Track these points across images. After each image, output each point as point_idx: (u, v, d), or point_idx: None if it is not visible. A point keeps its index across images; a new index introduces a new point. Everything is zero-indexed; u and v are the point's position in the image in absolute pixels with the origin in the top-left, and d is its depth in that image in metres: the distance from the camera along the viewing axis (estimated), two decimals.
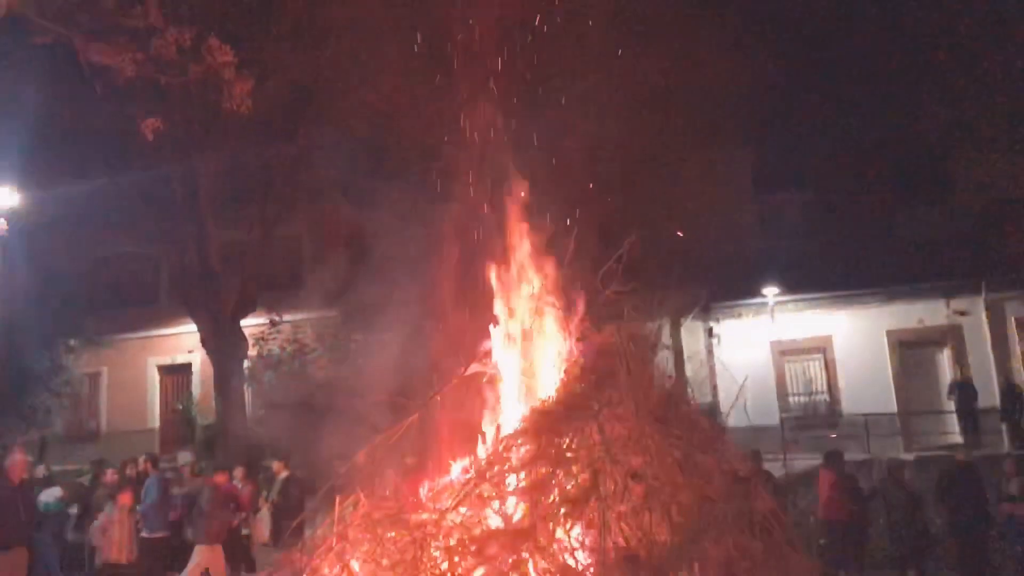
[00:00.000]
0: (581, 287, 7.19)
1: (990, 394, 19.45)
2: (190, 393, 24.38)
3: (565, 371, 6.90)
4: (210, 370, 18.94)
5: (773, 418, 19.16)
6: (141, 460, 12.63)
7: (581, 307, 7.18)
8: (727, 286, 21.45)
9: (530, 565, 5.40)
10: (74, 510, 11.65)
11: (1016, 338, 20.36)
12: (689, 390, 7.41)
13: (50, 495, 11.82)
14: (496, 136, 8.16)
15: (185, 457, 16.63)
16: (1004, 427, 18.76)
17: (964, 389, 18.97)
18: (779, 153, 23.07)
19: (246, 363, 18.47)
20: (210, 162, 16.27)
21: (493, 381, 7.46)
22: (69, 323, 20.88)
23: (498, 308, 7.46)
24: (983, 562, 11.44)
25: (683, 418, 6.68)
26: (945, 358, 20.95)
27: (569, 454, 6.08)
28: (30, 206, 14.68)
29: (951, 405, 19.52)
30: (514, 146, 8.09)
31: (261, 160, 16.68)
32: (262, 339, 19.16)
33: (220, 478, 12.11)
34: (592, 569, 5.28)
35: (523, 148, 8.28)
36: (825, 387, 21.74)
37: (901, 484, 12.25)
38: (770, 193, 23.65)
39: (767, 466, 11.58)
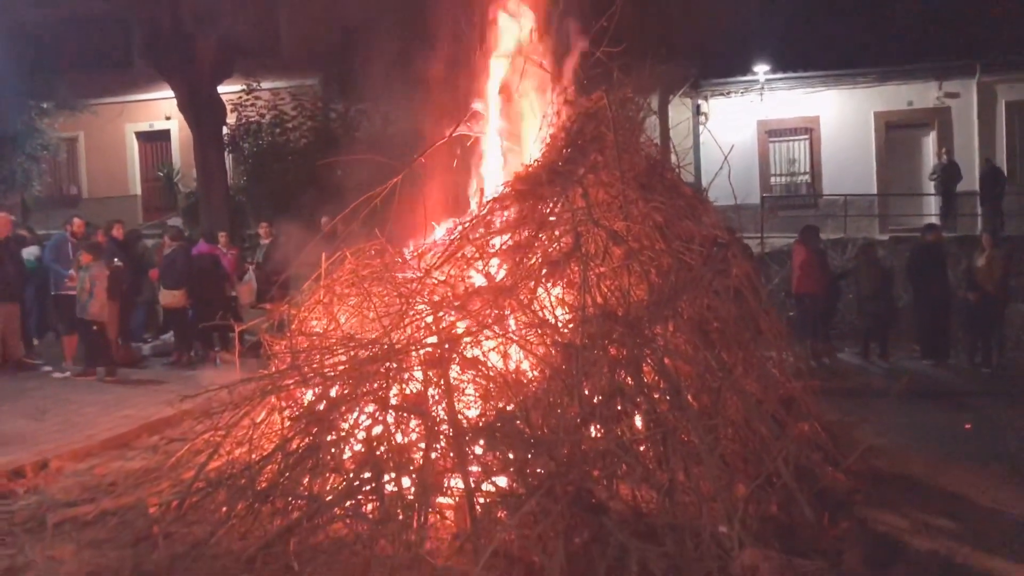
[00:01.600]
0: (569, 48, 6.98)
1: (970, 178, 19.64)
2: (170, 160, 24.17)
3: (550, 135, 6.83)
4: (189, 137, 18.67)
5: (754, 198, 19.34)
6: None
7: (569, 69, 7.00)
8: (717, 63, 20.99)
9: (511, 320, 5.59)
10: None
11: (1004, 122, 20.28)
12: (674, 158, 7.38)
13: (30, 253, 11.95)
14: None
15: (176, 222, 16.70)
16: (980, 210, 19.09)
17: (947, 170, 19.10)
18: None
19: (225, 130, 18.17)
20: None
21: (478, 144, 7.41)
22: (41, 86, 20.23)
23: (484, 70, 7.27)
24: (941, 337, 12.01)
25: (667, 185, 6.71)
26: (931, 141, 20.96)
27: (552, 217, 6.13)
28: None
29: (931, 188, 19.75)
30: None
31: None
32: (240, 106, 18.71)
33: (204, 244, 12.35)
34: (571, 325, 5.46)
35: None
36: (808, 168, 21.85)
37: (872, 261, 12.62)
38: None
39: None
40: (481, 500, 4.77)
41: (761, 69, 21.01)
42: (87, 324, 10.47)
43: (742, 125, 21.11)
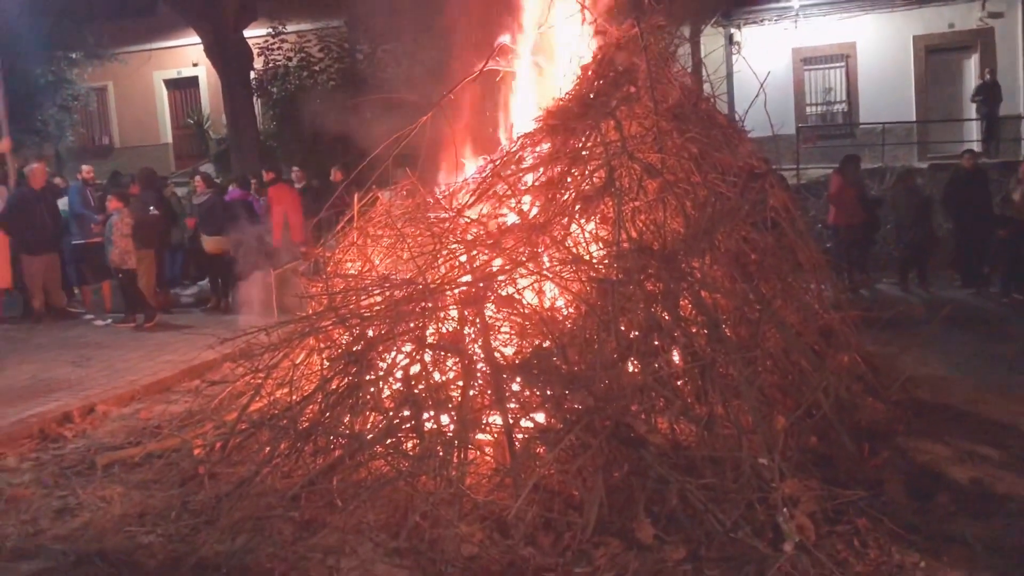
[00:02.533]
0: None
1: (1014, 102, 19.05)
2: (199, 107, 24.18)
3: (582, 67, 6.69)
4: (217, 84, 18.64)
5: (789, 128, 18.93)
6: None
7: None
8: None
9: (545, 257, 5.56)
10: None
11: None
12: (707, 88, 7.21)
13: (64, 204, 12.10)
14: None
15: (208, 169, 16.77)
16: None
17: (990, 91, 18.50)
18: None
19: (252, 75, 18.09)
20: None
21: (508, 79, 7.28)
22: (68, 35, 20.23)
23: (513, 2, 7.11)
24: (980, 264, 11.79)
25: (701, 116, 6.56)
26: (972, 64, 20.29)
27: (585, 152, 6.04)
28: None
29: (972, 113, 19.19)
30: None
31: None
32: (267, 50, 18.60)
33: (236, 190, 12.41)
34: (605, 260, 5.42)
35: None
36: (845, 96, 21.32)
37: (911, 189, 12.35)
38: None
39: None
40: (520, 436, 4.80)
41: None
42: (116, 272, 10.62)
43: (776, 54, 20.56)
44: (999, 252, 11.42)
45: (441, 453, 4.68)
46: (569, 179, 5.95)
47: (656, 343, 5.06)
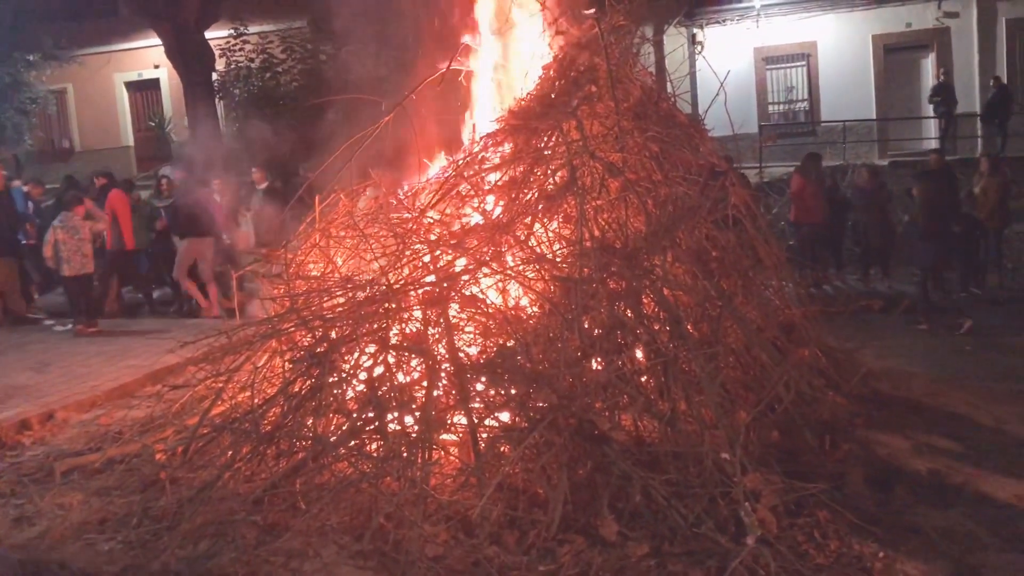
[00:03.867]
0: None
1: (970, 100, 19.40)
2: (161, 109, 23.91)
3: (543, 67, 6.71)
4: (179, 85, 18.44)
5: (752, 127, 19.12)
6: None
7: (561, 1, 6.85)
8: None
9: (508, 256, 5.56)
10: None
11: (1004, 40, 19.93)
12: (669, 88, 7.26)
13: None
14: None
15: (167, 171, 16.55)
16: (980, 131, 18.90)
17: (945, 92, 18.84)
18: None
19: (214, 77, 17.90)
20: None
21: (470, 78, 7.28)
22: (26, 37, 19.90)
23: (474, 2, 7.11)
24: (944, 259, 11.95)
25: (662, 115, 6.60)
26: (929, 63, 20.64)
27: (547, 151, 6.05)
28: None
29: (931, 111, 19.51)
30: None
31: None
32: (229, 51, 18.40)
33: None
34: (569, 259, 5.43)
35: None
36: (806, 95, 21.58)
37: (861, 188, 12.47)
38: None
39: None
40: (484, 435, 4.80)
41: None
42: (72, 277, 10.45)
43: (738, 53, 20.76)
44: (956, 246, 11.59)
45: (405, 454, 4.66)
46: (532, 178, 5.96)
47: (619, 340, 5.09)
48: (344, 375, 5.16)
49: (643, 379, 5.08)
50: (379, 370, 5.09)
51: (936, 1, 20.16)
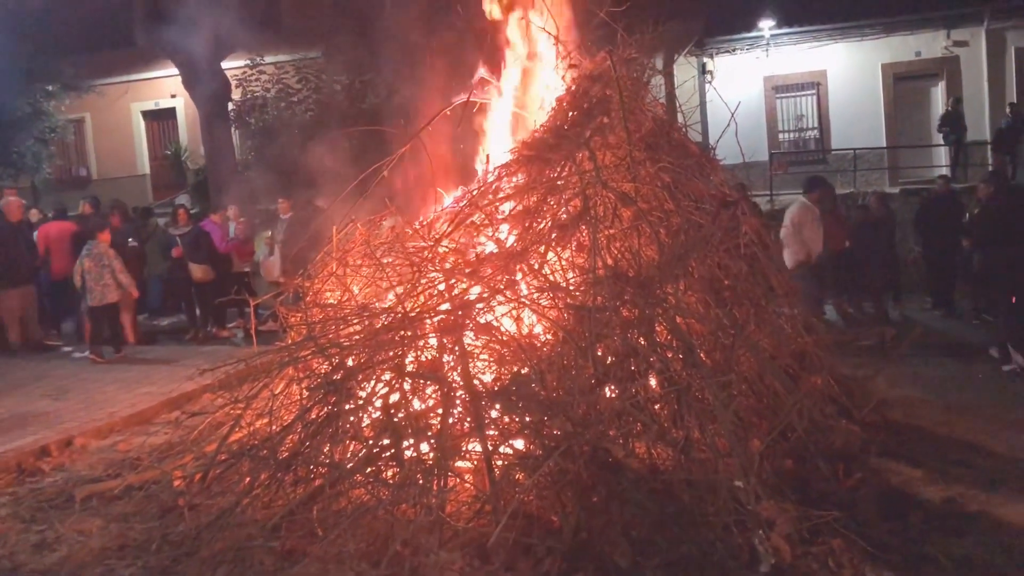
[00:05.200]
0: (573, 9, 6.94)
1: (980, 128, 19.46)
2: (177, 138, 24.20)
3: (556, 98, 6.82)
4: (195, 115, 18.68)
5: (763, 155, 19.21)
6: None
7: (573, 32, 6.97)
8: (722, 20, 20.80)
9: (522, 284, 5.63)
10: None
11: (1014, 69, 20.02)
12: (680, 118, 7.36)
13: None
14: None
15: (183, 200, 16.75)
16: (991, 159, 18.92)
17: (954, 121, 18.91)
18: None
19: (230, 106, 18.15)
20: None
21: (484, 110, 7.40)
22: (45, 68, 20.20)
23: (490, 36, 7.24)
24: (951, 286, 11.96)
25: (674, 145, 6.69)
26: (939, 92, 20.73)
27: (560, 182, 6.14)
28: None
29: (941, 139, 19.58)
30: None
31: None
32: (245, 81, 18.68)
33: (215, 218, 12.48)
34: (582, 287, 5.50)
35: None
36: (816, 123, 21.68)
37: (866, 220, 12.49)
38: None
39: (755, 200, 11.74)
40: (499, 463, 4.84)
41: (766, 24, 20.78)
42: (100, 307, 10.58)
43: (748, 82, 20.93)
44: (966, 272, 11.60)
45: (421, 481, 4.71)
46: (545, 208, 6.04)
47: (633, 368, 5.14)
48: (360, 402, 5.22)
49: (657, 407, 5.12)
50: (395, 397, 5.15)
51: (945, 30, 20.29)
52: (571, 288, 5.55)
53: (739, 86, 19.84)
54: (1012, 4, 19.46)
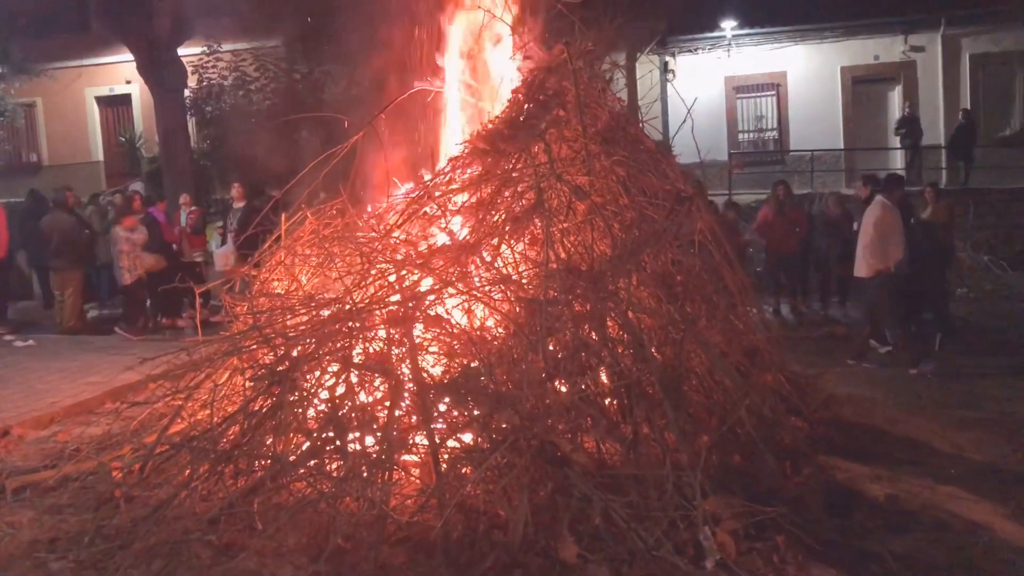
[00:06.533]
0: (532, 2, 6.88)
1: (935, 132, 19.78)
2: (132, 125, 23.73)
3: (512, 90, 6.74)
4: (150, 101, 18.32)
5: (723, 154, 19.35)
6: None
7: (530, 23, 6.90)
8: (684, 20, 20.93)
9: (475, 277, 5.56)
10: None
11: (968, 75, 20.39)
12: (640, 114, 7.33)
13: None
14: None
15: (137, 187, 16.41)
16: (944, 163, 19.27)
17: (911, 125, 19.22)
18: None
19: (187, 93, 17.83)
20: None
21: (438, 100, 7.30)
22: None
23: (444, 25, 7.15)
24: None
25: (629, 139, 6.65)
26: (896, 95, 21.04)
27: (515, 174, 6.08)
28: None
29: (898, 142, 19.87)
30: None
31: None
32: (201, 68, 18.36)
33: (161, 205, 12.32)
34: (534, 281, 5.44)
35: None
36: (775, 124, 21.88)
37: (834, 214, 12.64)
38: None
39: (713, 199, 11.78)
40: (446, 456, 4.76)
41: (728, 25, 20.96)
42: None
43: (709, 82, 21.08)
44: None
45: (365, 474, 4.62)
46: (499, 200, 5.97)
47: (583, 363, 5.09)
48: (305, 394, 5.11)
49: (607, 401, 5.08)
50: (341, 389, 5.05)
51: (903, 35, 20.59)
52: (523, 281, 5.49)
53: (700, 85, 19.94)
54: (968, 12, 19.81)
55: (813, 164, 19.46)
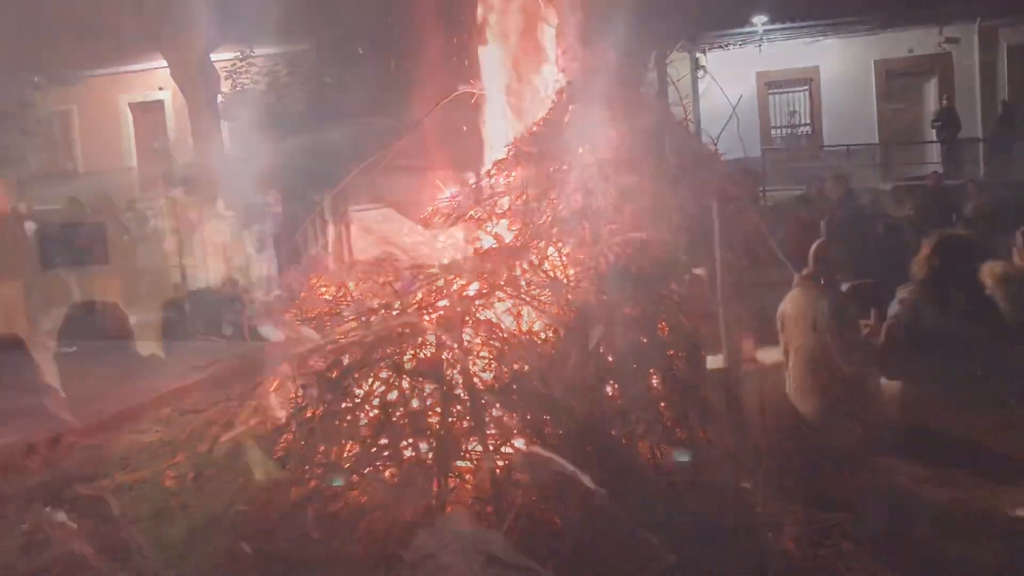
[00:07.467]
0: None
1: (972, 125, 19.49)
2: (165, 131, 23.97)
3: (556, 92, 6.69)
4: (184, 107, 18.48)
5: (754, 150, 19.18)
6: None
7: (573, 25, 6.84)
8: (714, 15, 20.77)
9: (523, 281, 5.51)
10: None
11: (1006, 66, 20.06)
12: (679, 112, 7.25)
13: (28, 229, 11.95)
14: None
15: (176, 194, 16.55)
16: (982, 155, 18.98)
17: (948, 118, 18.96)
18: None
19: (220, 98, 17.96)
20: None
21: (481, 103, 7.26)
22: (31, 58, 19.95)
23: (486, 24, 7.10)
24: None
25: (675, 139, 6.59)
26: (932, 88, 20.76)
27: (561, 176, 6.03)
28: None
29: (934, 135, 19.61)
30: None
31: None
32: (234, 73, 18.49)
33: None
34: (581, 283, 5.39)
35: None
36: (808, 119, 21.67)
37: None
38: None
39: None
40: (500, 463, 4.73)
41: (759, 20, 20.77)
42: None
43: (741, 77, 20.85)
44: None
45: (420, 482, 4.59)
46: (546, 203, 5.92)
47: (635, 367, 5.04)
48: (357, 400, 5.09)
49: (661, 406, 5.02)
50: (393, 395, 5.03)
51: (938, 27, 20.29)
52: (572, 284, 5.44)
53: (731, 81, 19.69)
54: (1004, 1, 19.48)
55: (849, 159, 19.24)
